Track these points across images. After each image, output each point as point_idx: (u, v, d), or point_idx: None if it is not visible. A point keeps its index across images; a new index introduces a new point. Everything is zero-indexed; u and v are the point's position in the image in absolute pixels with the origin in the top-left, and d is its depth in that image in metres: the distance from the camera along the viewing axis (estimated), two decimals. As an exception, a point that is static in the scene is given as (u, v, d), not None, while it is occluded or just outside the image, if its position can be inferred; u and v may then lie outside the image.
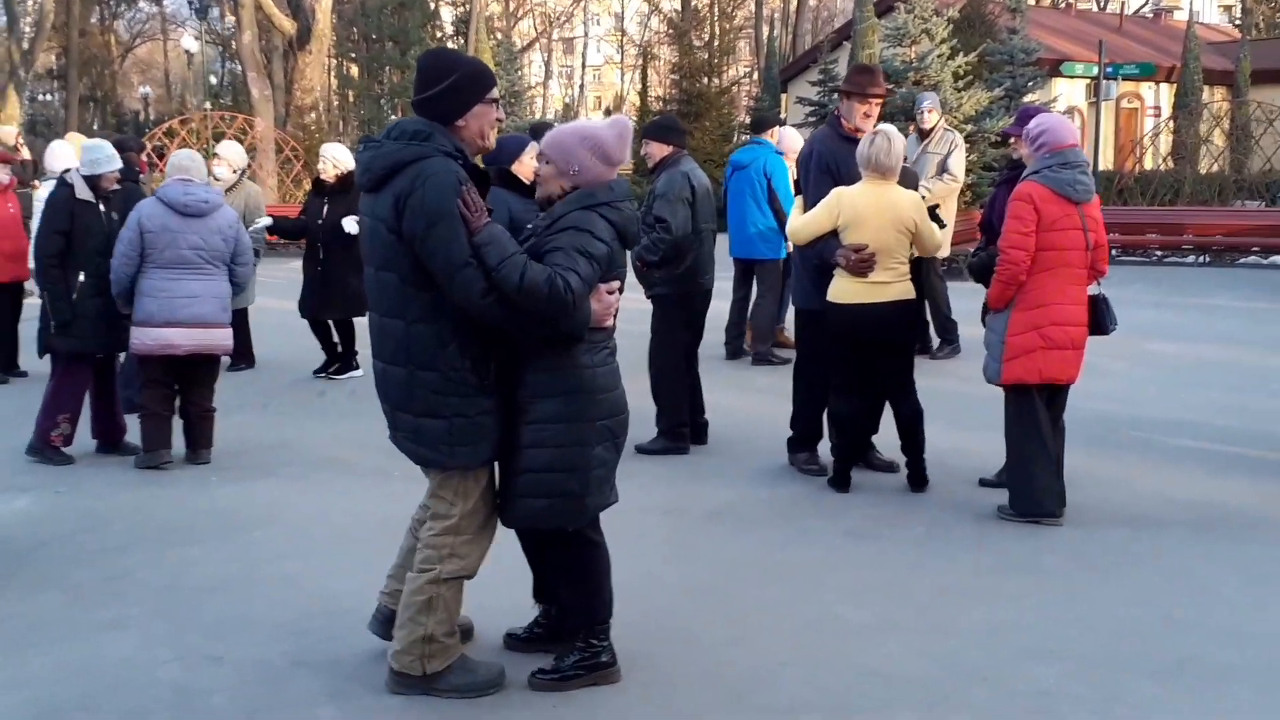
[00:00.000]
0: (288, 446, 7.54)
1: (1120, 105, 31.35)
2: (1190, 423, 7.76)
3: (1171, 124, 27.29)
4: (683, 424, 7.25)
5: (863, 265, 5.99)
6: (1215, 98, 30.18)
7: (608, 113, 56.08)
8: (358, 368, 9.74)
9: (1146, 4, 50.58)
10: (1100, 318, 5.83)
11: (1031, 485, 5.74)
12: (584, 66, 68.69)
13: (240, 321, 10.43)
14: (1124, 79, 25.03)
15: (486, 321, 3.62)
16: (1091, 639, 4.39)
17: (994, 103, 19.51)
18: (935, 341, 10.49)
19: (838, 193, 6.09)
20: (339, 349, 9.82)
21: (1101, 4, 49.80)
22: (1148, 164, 25.56)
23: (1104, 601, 4.78)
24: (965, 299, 10.38)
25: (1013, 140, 6.35)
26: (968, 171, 13.84)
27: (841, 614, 4.68)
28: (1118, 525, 5.75)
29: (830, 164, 6.41)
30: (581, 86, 68.85)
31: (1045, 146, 5.64)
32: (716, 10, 37.02)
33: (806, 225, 6.19)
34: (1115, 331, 6.00)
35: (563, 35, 67.59)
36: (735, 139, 27.99)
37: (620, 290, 3.81)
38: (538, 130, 10.20)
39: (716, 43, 31.42)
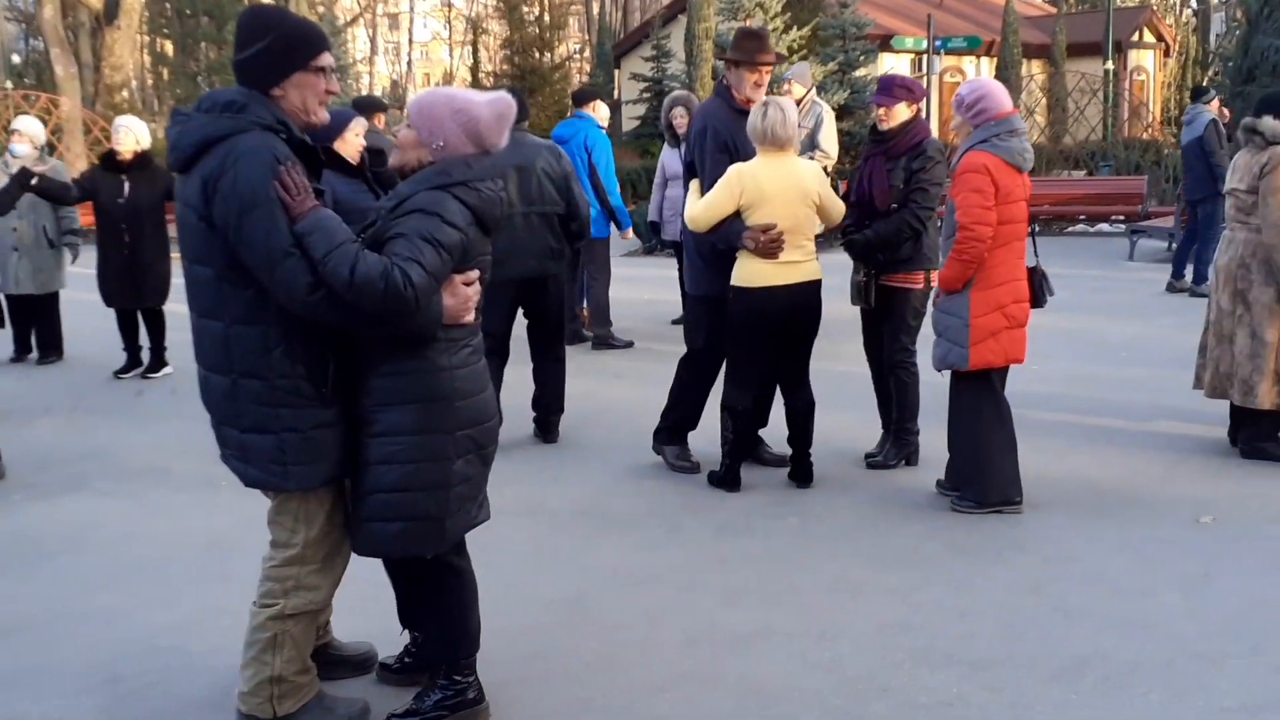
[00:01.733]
0: (100, 455, 6.84)
1: (944, 79, 31.95)
2: (1049, 395, 7.68)
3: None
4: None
5: (773, 246, 5.55)
6: (1034, 71, 30.99)
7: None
8: (167, 364, 9.05)
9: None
10: (1039, 290, 5.54)
11: (996, 473, 5.45)
12: (411, 42, 67.12)
13: (48, 307, 9.67)
14: (950, 52, 25.40)
15: (317, 321, 3.10)
16: (986, 638, 4.14)
17: (828, 76, 19.52)
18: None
19: (736, 170, 5.63)
20: (142, 350, 9.15)
21: (921, -20, 50.84)
22: (973, 137, 26.04)
23: (991, 592, 4.56)
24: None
25: (880, 110, 6.05)
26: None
27: (720, 622, 4.32)
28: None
29: (728, 140, 5.91)
30: (409, 63, 67.31)
31: (985, 114, 5.28)
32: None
33: (708, 209, 5.65)
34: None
35: (388, 10, 65.96)
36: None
37: (482, 281, 3.35)
38: (363, 106, 9.73)
39: (547, 17, 30.96)
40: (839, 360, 8.81)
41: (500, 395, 6.71)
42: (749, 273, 5.65)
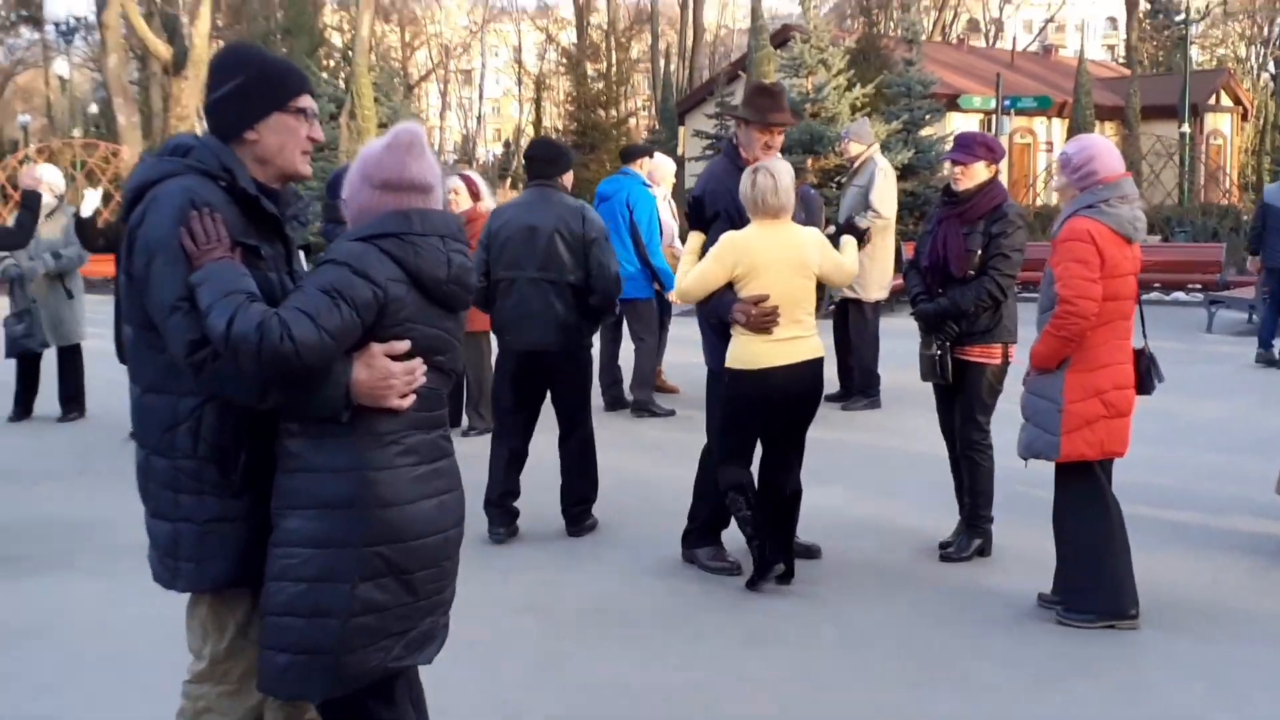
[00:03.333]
0: (93, 526, 6.40)
1: (1014, 140, 31.33)
2: (1121, 484, 6.93)
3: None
4: (492, 502, 6.12)
5: (765, 320, 5.05)
6: (1107, 133, 30.29)
7: (506, 145, 54.97)
8: None
9: (1033, 42, 51.28)
10: (1147, 376, 4.93)
11: (1107, 581, 4.79)
12: (481, 99, 67.72)
13: (70, 360, 9.36)
14: (1020, 112, 24.83)
15: (204, 390, 2.65)
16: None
17: (892, 135, 19.00)
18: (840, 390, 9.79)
19: (728, 239, 5.17)
20: None
21: (991, 41, 50.36)
22: (1042, 199, 25.37)
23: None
24: (898, 340, 9.67)
25: (957, 170, 5.57)
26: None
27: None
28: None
29: (728, 207, 5.38)
30: (479, 118, 67.86)
31: (1094, 176, 4.72)
32: (613, 41, 36.45)
33: (698, 280, 5.19)
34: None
35: (459, 67, 66.65)
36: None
37: (438, 365, 2.76)
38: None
39: (613, 73, 30.79)
40: (903, 437, 8.27)
41: (521, 474, 6.23)
42: (744, 353, 5.14)
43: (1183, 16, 37.04)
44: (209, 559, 2.73)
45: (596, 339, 6.56)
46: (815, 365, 5.20)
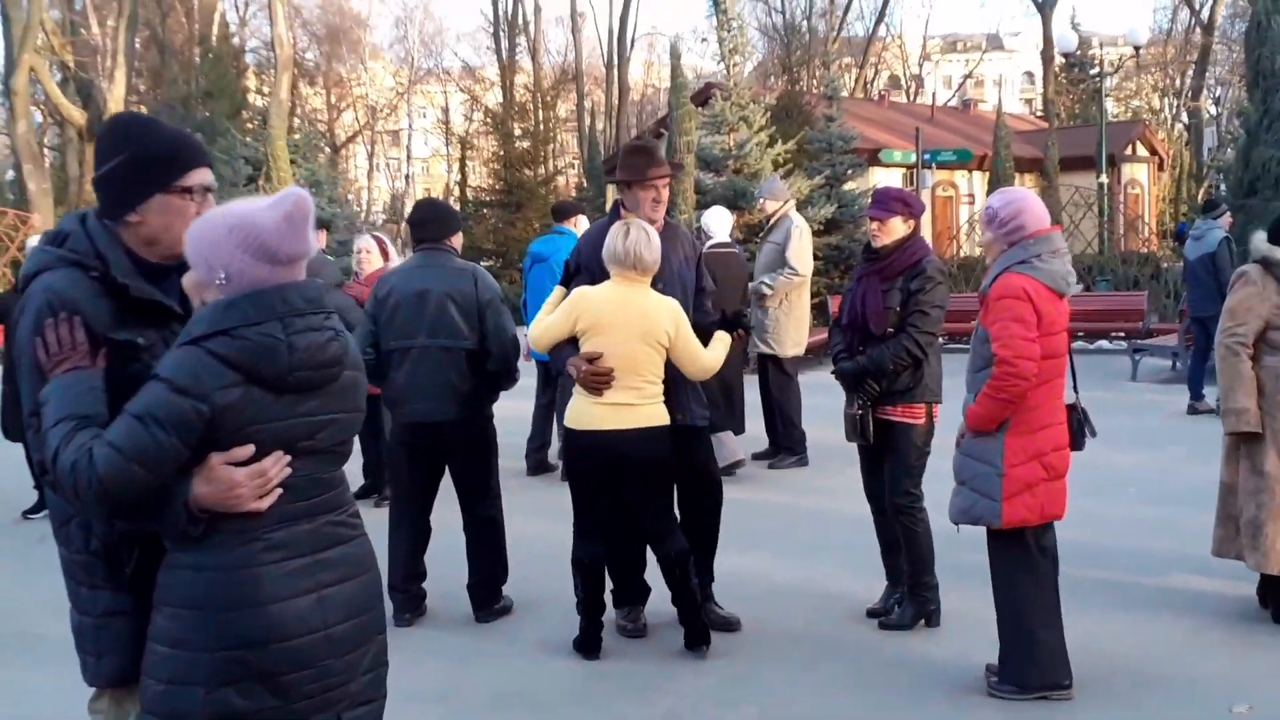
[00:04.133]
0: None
1: (936, 193, 31.65)
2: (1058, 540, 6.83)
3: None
4: (395, 587, 5.72)
5: (596, 380, 4.89)
6: (1026, 184, 30.70)
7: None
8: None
9: (953, 97, 52.19)
10: (1079, 432, 4.75)
11: (1039, 651, 4.56)
12: (409, 158, 67.49)
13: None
14: (940, 166, 25.07)
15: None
16: None
17: (815, 190, 19.04)
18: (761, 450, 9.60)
19: (579, 293, 5.09)
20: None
21: (912, 96, 51.15)
22: (962, 252, 25.57)
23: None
24: (824, 395, 9.52)
25: (874, 225, 5.43)
26: (817, 258, 13.05)
27: None
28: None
29: (589, 263, 5.26)
30: (407, 178, 67.59)
31: (1022, 230, 4.54)
32: (539, 100, 36.48)
33: (545, 329, 5.12)
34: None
35: (386, 128, 66.41)
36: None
37: (302, 452, 2.50)
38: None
39: (539, 132, 30.75)
40: (831, 497, 8.07)
41: (428, 549, 5.92)
42: (576, 411, 5.03)
43: (1097, 70, 37.87)
44: (105, 653, 2.63)
45: (515, 405, 6.26)
46: (648, 434, 4.97)
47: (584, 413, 4.98)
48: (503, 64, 43.18)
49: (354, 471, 7.45)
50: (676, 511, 5.36)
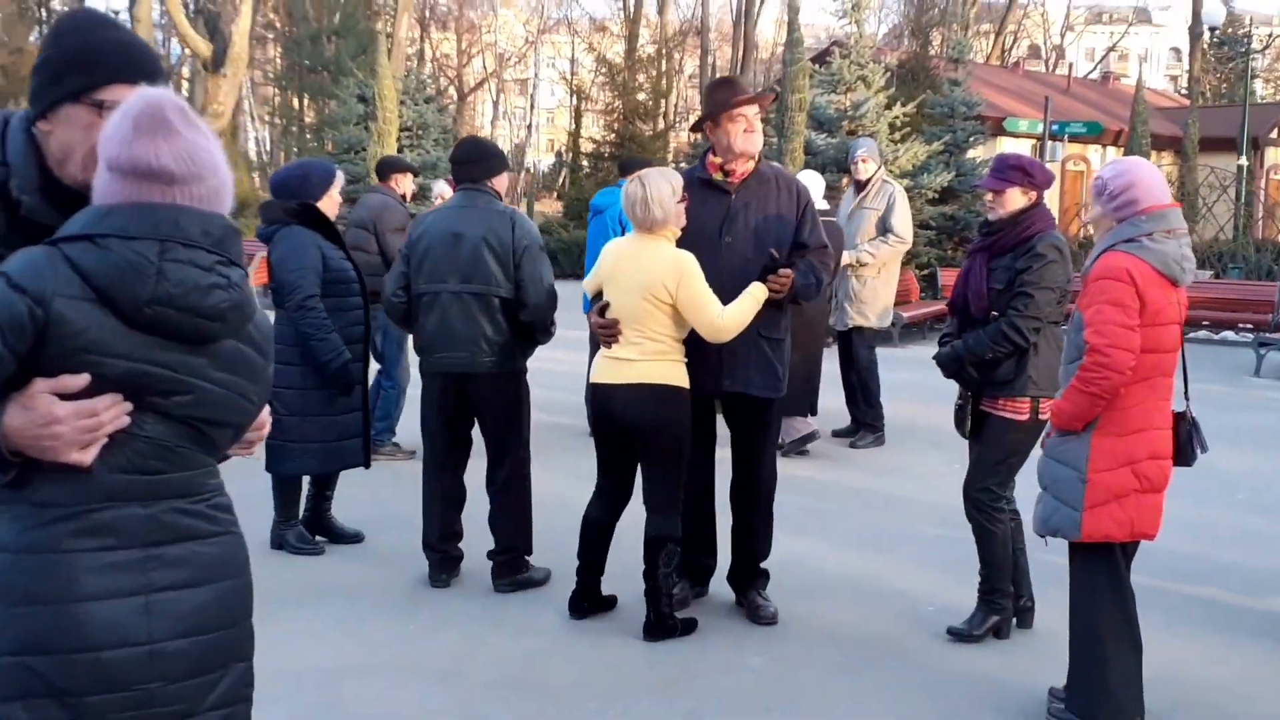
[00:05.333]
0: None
1: (1066, 168, 30.40)
2: (1144, 548, 6.23)
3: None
4: (427, 544, 5.54)
5: (603, 331, 4.80)
6: (1163, 163, 29.27)
7: (559, 155, 54.35)
8: None
9: (1094, 69, 50.19)
10: (1188, 445, 4.12)
11: (1112, 681, 4.04)
12: (533, 108, 67.45)
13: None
14: (1070, 138, 23.92)
15: None
16: None
17: (932, 157, 18.24)
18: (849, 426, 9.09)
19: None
20: None
21: (1050, 67, 49.30)
22: (1093, 229, 24.49)
23: None
24: (905, 369, 8.96)
25: (989, 196, 4.84)
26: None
27: None
28: None
29: None
30: (529, 127, 67.61)
31: (1134, 205, 3.99)
32: (661, 53, 35.88)
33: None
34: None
35: (515, 76, 66.40)
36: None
37: (146, 402, 2.04)
38: (385, 166, 8.74)
39: (661, 84, 30.25)
40: (908, 481, 7.55)
41: (462, 512, 5.60)
42: (595, 364, 4.97)
43: (1246, 49, 35.94)
44: None
45: (563, 355, 5.88)
46: (645, 391, 4.72)
47: (596, 365, 4.94)
48: (627, 14, 42.56)
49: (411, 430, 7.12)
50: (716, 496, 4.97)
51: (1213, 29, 34.23)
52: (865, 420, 9.01)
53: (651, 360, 4.73)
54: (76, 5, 31.44)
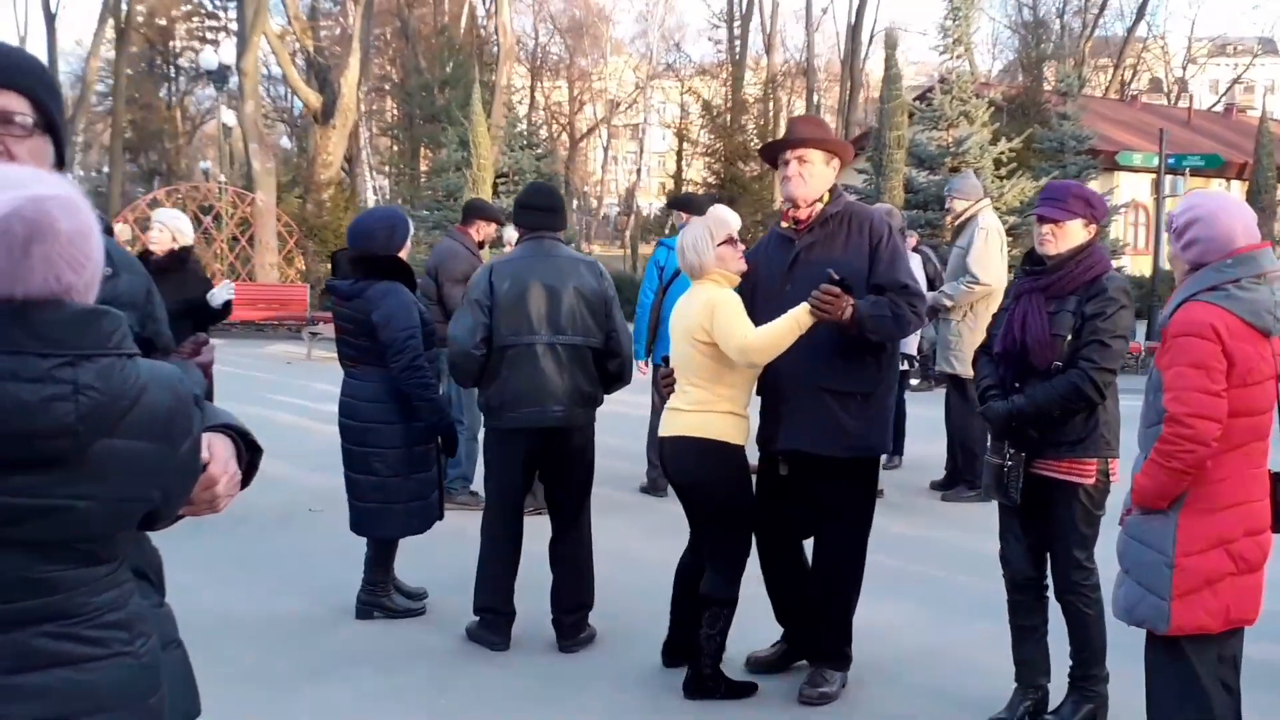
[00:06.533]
0: None
1: (1188, 203, 29.31)
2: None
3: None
4: (487, 607, 5.26)
5: (664, 381, 4.76)
6: (1292, 196, 28.02)
7: (670, 198, 54.25)
8: None
9: (1218, 102, 48.57)
10: None
11: None
12: (642, 151, 67.81)
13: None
14: (1188, 171, 22.92)
15: None
16: None
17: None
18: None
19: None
20: None
21: (1172, 100, 47.85)
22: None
23: None
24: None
25: (1046, 229, 4.30)
26: (1011, 269, 11.86)
27: None
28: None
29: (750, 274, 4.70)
30: (637, 171, 67.94)
31: (1201, 245, 3.50)
32: (769, 96, 35.68)
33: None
34: None
35: (627, 121, 66.87)
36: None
37: None
38: (471, 210, 8.52)
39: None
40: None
41: (518, 575, 5.31)
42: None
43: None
44: None
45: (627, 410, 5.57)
46: (682, 444, 4.54)
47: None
48: (732, 56, 42.47)
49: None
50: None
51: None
52: (964, 475, 8.47)
53: (696, 411, 4.49)
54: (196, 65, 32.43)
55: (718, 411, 4.47)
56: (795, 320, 4.27)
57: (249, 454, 2.16)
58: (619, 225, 54.06)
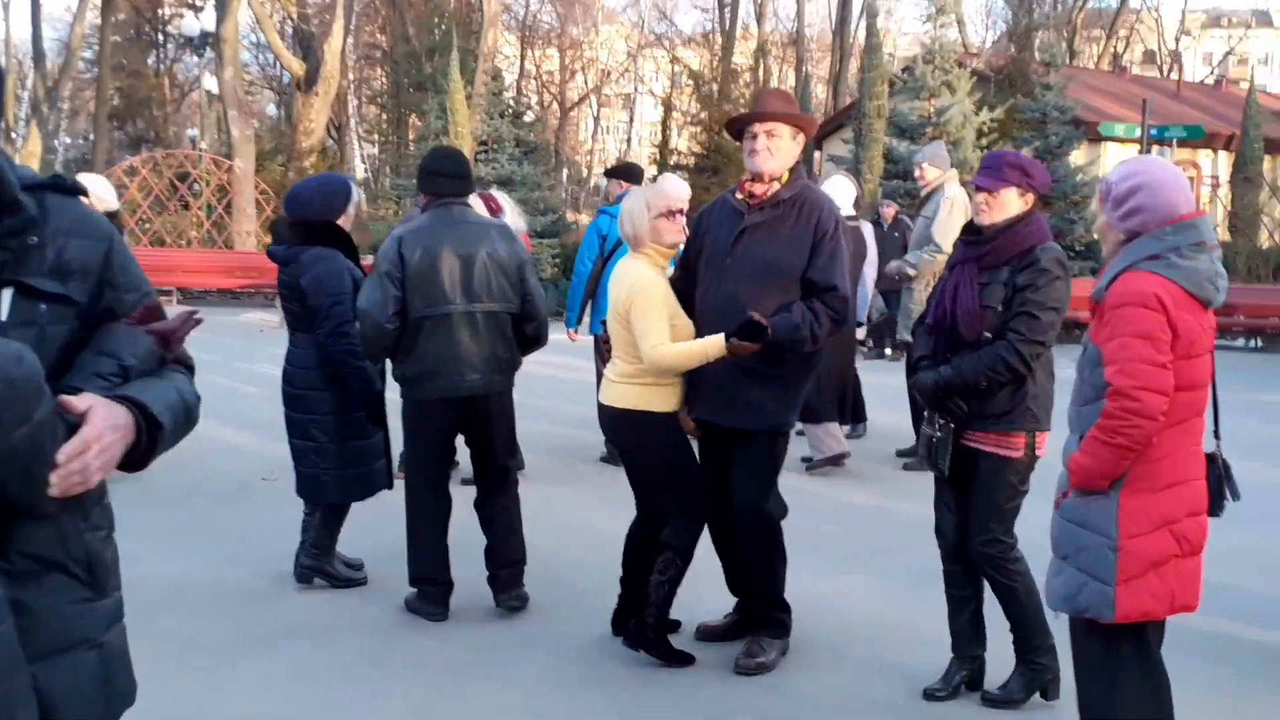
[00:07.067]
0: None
1: (1175, 174, 29.20)
2: (1221, 585, 5.56)
3: (1229, 191, 25.12)
4: (424, 579, 5.22)
5: (606, 349, 4.97)
6: (1278, 167, 27.94)
7: (657, 165, 54.26)
8: None
9: (1211, 74, 48.40)
10: (1218, 493, 3.45)
11: None
12: (632, 121, 67.51)
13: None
14: (1170, 142, 22.80)
15: None
16: None
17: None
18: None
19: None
20: None
21: (1165, 72, 47.65)
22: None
23: None
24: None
25: (981, 197, 4.25)
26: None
27: None
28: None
29: (690, 246, 4.76)
30: (628, 140, 67.66)
31: (1144, 214, 3.35)
32: (758, 66, 35.46)
33: None
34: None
35: (618, 91, 66.53)
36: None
37: None
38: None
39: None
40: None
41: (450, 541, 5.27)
42: None
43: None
44: None
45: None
46: (609, 414, 4.68)
47: None
48: (722, 26, 42.23)
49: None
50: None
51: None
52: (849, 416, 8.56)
53: (623, 383, 4.56)
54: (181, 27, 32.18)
55: (643, 383, 4.52)
56: (704, 351, 4.39)
57: (150, 431, 2.03)
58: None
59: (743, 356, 4.32)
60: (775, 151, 4.53)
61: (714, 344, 4.33)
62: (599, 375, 7.95)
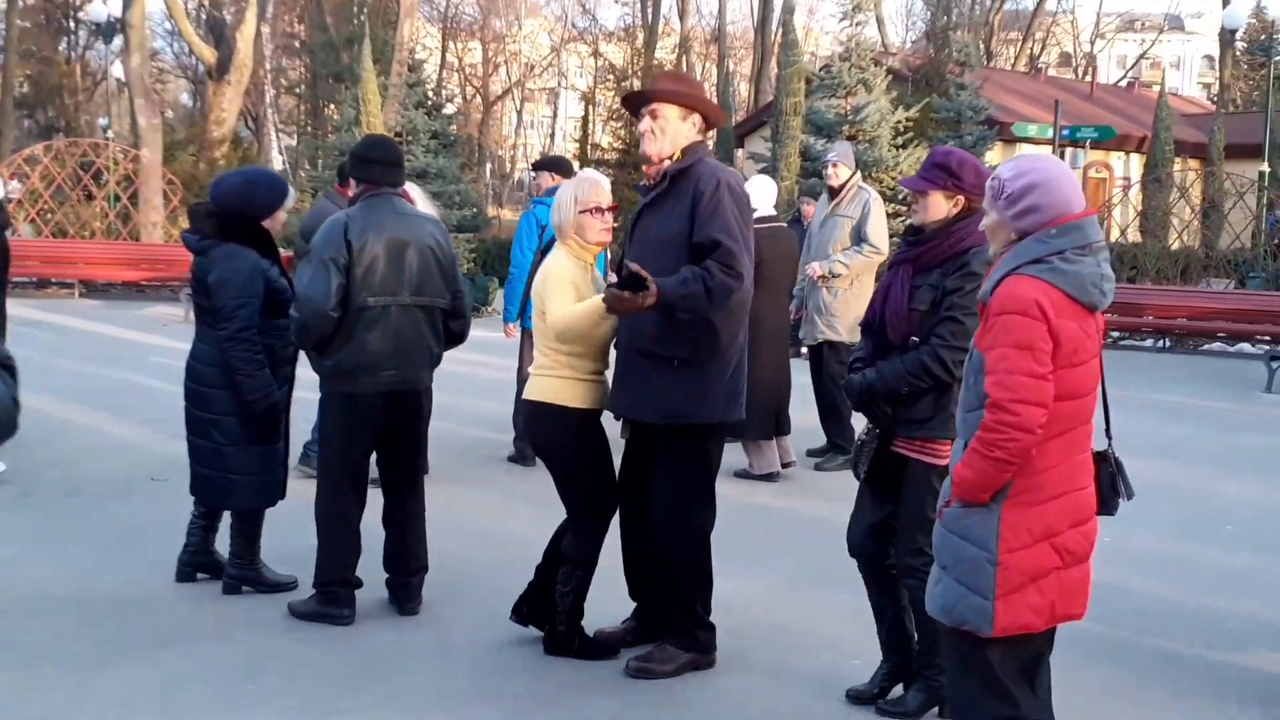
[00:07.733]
0: None
1: (1088, 174, 29.65)
2: (1111, 588, 5.45)
3: (1140, 192, 25.55)
4: (338, 581, 5.01)
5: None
6: (1188, 169, 28.51)
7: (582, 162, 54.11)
8: None
9: (1124, 77, 49.31)
10: (1110, 492, 3.34)
11: None
12: (555, 116, 67.23)
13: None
14: (1082, 143, 23.11)
15: None
16: None
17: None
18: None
19: None
20: None
21: (1081, 74, 48.46)
22: (1112, 236, 23.75)
23: None
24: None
25: (914, 198, 4.13)
26: (892, 237, 11.74)
27: None
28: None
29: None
30: (551, 135, 67.36)
31: (1039, 213, 3.18)
32: (681, 62, 35.45)
33: None
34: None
35: (542, 85, 66.17)
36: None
37: None
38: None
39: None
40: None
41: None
42: None
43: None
44: None
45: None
46: (526, 407, 4.72)
47: None
48: (645, 21, 42.12)
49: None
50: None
51: (1232, 31, 33.55)
52: (835, 440, 8.41)
53: (539, 376, 4.56)
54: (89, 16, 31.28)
55: (557, 376, 4.49)
56: (593, 307, 4.34)
57: None
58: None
59: (626, 311, 4.24)
60: (659, 133, 4.44)
61: (597, 301, 4.33)
62: (520, 375, 7.79)
